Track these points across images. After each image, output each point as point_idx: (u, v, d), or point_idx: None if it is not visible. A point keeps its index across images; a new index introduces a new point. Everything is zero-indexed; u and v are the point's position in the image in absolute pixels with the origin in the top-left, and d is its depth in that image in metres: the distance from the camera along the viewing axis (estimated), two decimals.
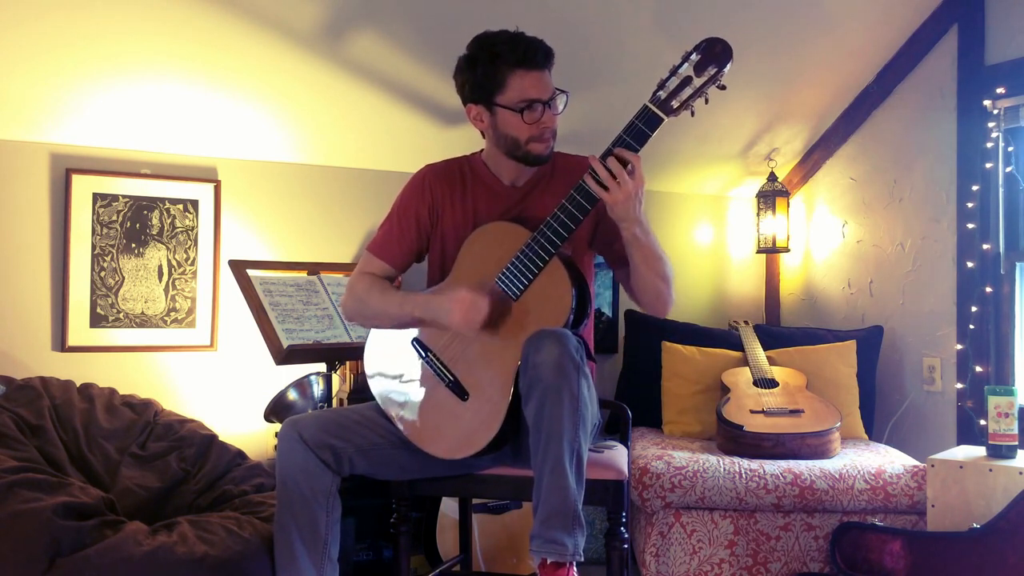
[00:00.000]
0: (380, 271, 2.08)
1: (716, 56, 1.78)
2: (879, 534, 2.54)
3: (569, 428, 1.72)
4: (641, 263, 1.94)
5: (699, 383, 3.19)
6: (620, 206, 1.83)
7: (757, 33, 3.04)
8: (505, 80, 1.90)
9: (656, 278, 1.96)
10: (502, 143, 1.97)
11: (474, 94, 1.95)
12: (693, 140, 3.54)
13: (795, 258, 3.90)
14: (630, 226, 1.87)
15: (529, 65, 1.89)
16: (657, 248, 1.94)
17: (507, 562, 2.77)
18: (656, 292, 1.98)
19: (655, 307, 2.03)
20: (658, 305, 2.02)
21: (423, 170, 2.10)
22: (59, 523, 1.93)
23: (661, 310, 2.03)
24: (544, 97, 1.91)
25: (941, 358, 3.27)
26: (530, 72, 1.89)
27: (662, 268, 1.96)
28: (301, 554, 1.89)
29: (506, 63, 1.89)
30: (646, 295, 2.01)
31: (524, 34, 1.92)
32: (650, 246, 1.92)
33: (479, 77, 1.91)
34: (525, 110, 1.90)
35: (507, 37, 1.91)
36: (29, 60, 2.49)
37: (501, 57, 1.89)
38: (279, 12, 2.54)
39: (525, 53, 1.88)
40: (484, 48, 1.92)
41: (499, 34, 1.93)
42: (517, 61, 1.88)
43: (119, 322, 2.85)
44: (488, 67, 1.90)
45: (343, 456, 1.93)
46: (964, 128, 3.16)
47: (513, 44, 1.89)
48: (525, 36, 1.91)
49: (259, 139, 3.00)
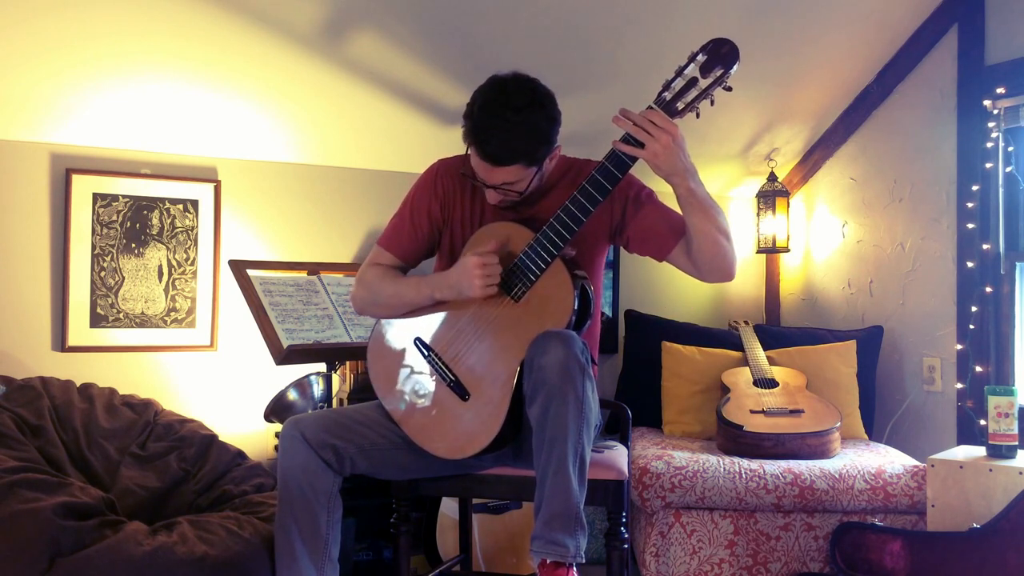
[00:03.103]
0: (390, 264, 2.07)
1: (723, 57, 1.75)
2: (879, 534, 2.54)
3: (573, 431, 1.72)
4: (702, 220, 1.86)
5: (699, 383, 3.19)
6: (663, 157, 1.77)
7: (757, 33, 3.04)
8: (467, 145, 1.90)
9: (719, 235, 1.87)
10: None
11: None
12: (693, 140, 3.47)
13: (795, 258, 3.90)
14: (682, 179, 1.81)
15: (481, 156, 1.87)
16: (712, 200, 1.88)
17: (507, 562, 2.77)
18: (722, 252, 1.90)
19: (722, 268, 1.93)
20: (724, 265, 1.92)
21: (435, 164, 2.09)
22: (59, 523, 1.93)
23: (728, 270, 1.94)
24: (486, 182, 1.90)
25: (941, 358, 3.27)
26: (481, 160, 1.87)
27: (721, 220, 1.89)
28: (302, 554, 1.89)
29: (467, 138, 1.89)
30: (712, 259, 1.90)
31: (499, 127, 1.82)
32: (707, 197, 1.86)
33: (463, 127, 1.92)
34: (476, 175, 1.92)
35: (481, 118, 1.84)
36: (29, 60, 2.49)
37: (466, 130, 1.88)
38: (279, 12, 2.54)
39: (483, 147, 1.84)
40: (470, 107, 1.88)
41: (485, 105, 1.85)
42: (473, 142, 1.87)
43: (119, 322, 2.85)
44: (465, 125, 1.90)
45: (345, 456, 1.93)
46: (964, 128, 3.16)
47: (476, 129, 1.84)
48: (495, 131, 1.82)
49: (259, 139, 3.00)
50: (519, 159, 1.85)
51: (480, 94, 1.88)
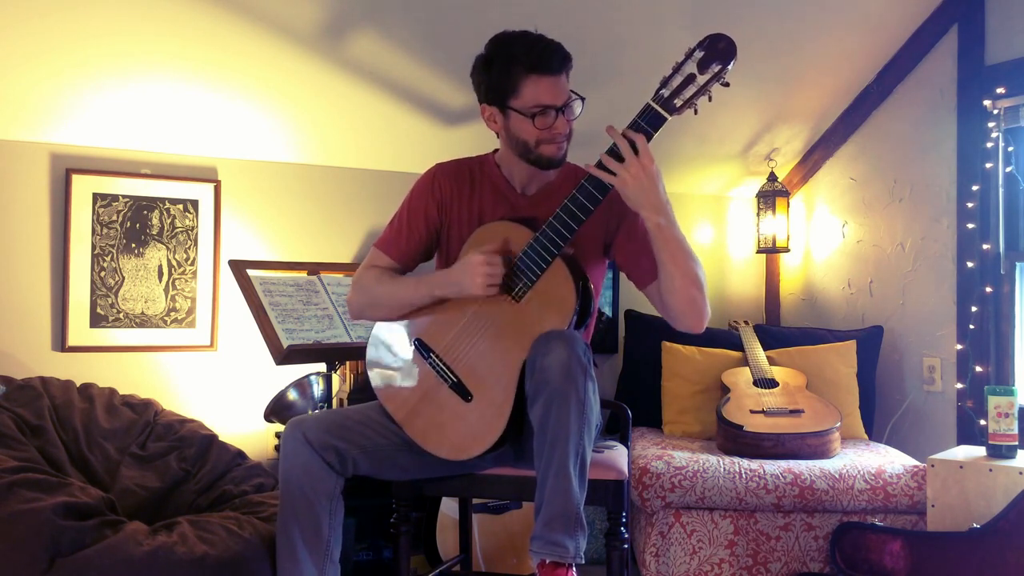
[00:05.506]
0: (386, 267, 2.06)
1: (720, 53, 1.75)
2: (879, 534, 2.54)
3: (575, 432, 1.72)
4: (669, 261, 1.84)
5: (699, 383, 3.19)
6: (631, 187, 1.77)
7: (757, 33, 3.04)
8: (518, 84, 1.86)
9: (687, 281, 1.85)
10: (514, 145, 1.94)
11: (488, 95, 1.93)
12: (693, 140, 3.54)
13: (795, 258, 3.90)
14: (650, 214, 1.80)
15: (543, 70, 1.84)
16: (685, 243, 1.85)
17: (507, 562, 2.77)
18: (689, 299, 1.86)
19: (689, 317, 1.89)
20: (692, 314, 1.88)
21: (433, 168, 2.08)
22: (59, 523, 1.93)
23: (696, 322, 1.90)
24: (557, 103, 1.87)
25: (941, 358, 3.27)
26: (544, 77, 1.85)
27: (693, 268, 1.86)
28: (303, 555, 1.88)
29: (520, 67, 1.85)
30: (678, 303, 1.88)
31: (542, 37, 1.88)
32: (676, 239, 1.83)
33: (493, 79, 1.89)
34: (537, 115, 1.87)
35: (523, 40, 1.86)
36: (29, 60, 2.49)
37: (516, 61, 1.85)
38: (279, 12, 2.54)
39: (540, 57, 1.84)
40: (500, 50, 1.88)
41: (516, 36, 1.89)
42: (531, 66, 1.84)
43: (119, 322, 2.85)
44: (502, 70, 1.87)
45: (347, 457, 1.93)
46: (964, 128, 3.16)
47: (528, 48, 1.85)
48: (542, 40, 1.87)
49: (259, 139, 3.00)
50: (568, 59, 1.88)
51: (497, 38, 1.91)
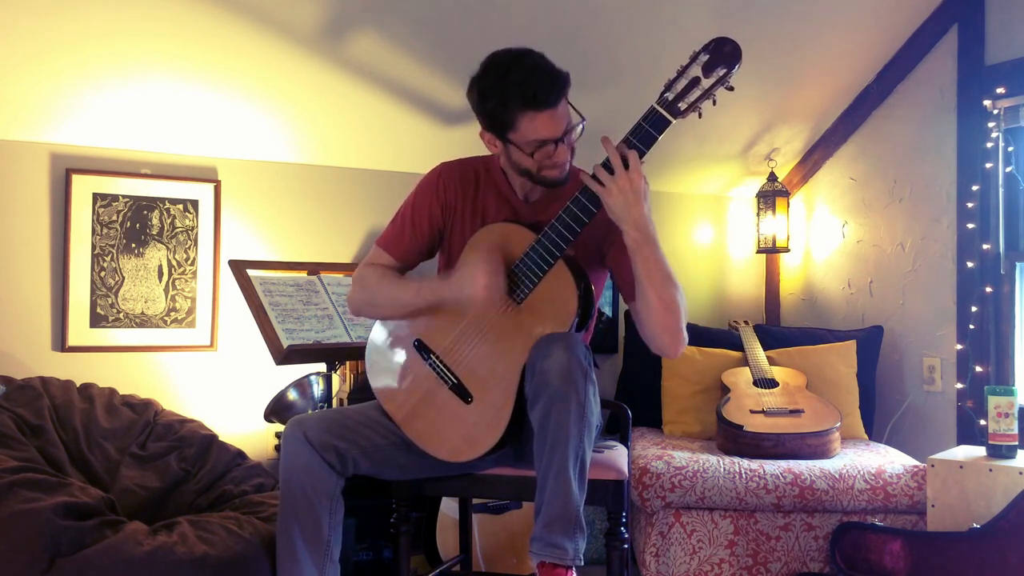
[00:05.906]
0: (388, 265, 2.05)
1: (725, 57, 1.73)
2: (879, 534, 2.54)
3: (575, 435, 1.71)
4: (645, 279, 1.80)
5: (699, 383, 3.19)
6: (615, 201, 1.76)
7: (757, 33, 3.04)
8: (515, 120, 1.82)
9: (661, 304, 1.80)
10: (517, 170, 1.93)
11: (486, 125, 1.89)
12: (693, 140, 3.54)
13: (795, 258, 3.90)
14: (629, 228, 1.78)
15: (539, 106, 1.79)
16: (665, 265, 1.80)
17: (507, 562, 2.77)
18: (662, 324, 1.82)
19: (661, 339, 1.84)
20: (664, 337, 1.83)
21: (438, 168, 2.07)
22: (59, 523, 1.93)
23: (669, 347, 1.84)
24: (556, 135, 1.82)
25: (941, 358, 3.27)
26: (540, 113, 1.79)
27: (669, 292, 1.81)
28: (303, 555, 1.88)
29: (516, 102, 1.79)
30: (651, 324, 1.83)
31: (538, 64, 1.81)
32: (655, 258, 1.79)
33: (489, 112, 1.85)
34: (536, 150, 1.84)
35: (518, 70, 1.79)
36: (29, 60, 2.49)
37: (510, 96, 1.79)
38: (279, 12, 2.54)
39: (536, 93, 1.77)
40: (495, 82, 1.81)
41: (510, 64, 1.81)
42: (526, 101, 1.78)
43: (119, 322, 2.85)
44: (498, 104, 1.82)
45: (348, 457, 1.92)
46: (964, 128, 3.17)
47: (523, 80, 1.77)
48: (537, 70, 1.80)
49: (259, 139, 3.00)
50: (566, 84, 1.81)
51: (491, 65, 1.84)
